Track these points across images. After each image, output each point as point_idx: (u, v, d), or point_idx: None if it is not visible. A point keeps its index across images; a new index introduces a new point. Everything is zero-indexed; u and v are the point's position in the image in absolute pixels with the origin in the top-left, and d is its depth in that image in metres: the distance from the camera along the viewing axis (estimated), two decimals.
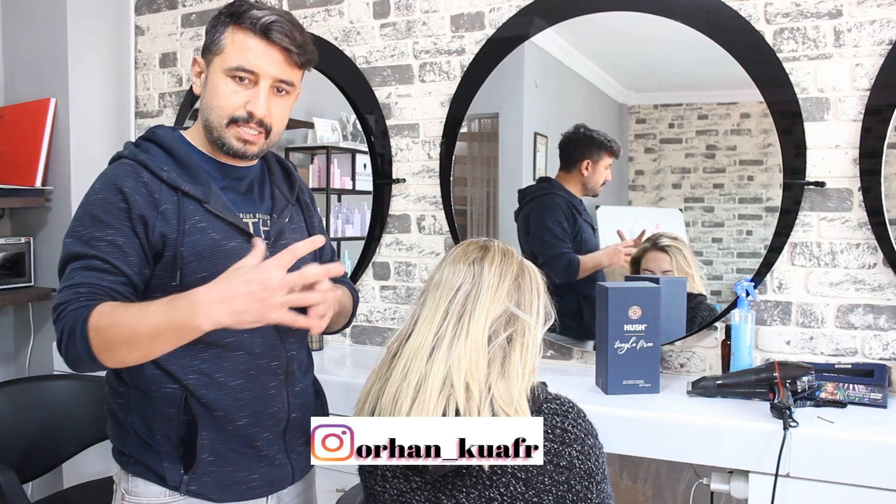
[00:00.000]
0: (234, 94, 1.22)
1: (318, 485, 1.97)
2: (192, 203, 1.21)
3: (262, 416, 1.28)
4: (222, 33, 1.22)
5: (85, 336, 1.06)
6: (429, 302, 1.15)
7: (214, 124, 1.24)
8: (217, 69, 1.23)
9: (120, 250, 1.16)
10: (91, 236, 1.16)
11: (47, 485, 2.44)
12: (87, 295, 1.11)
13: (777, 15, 1.81)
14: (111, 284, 1.13)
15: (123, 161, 1.23)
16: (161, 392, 1.22)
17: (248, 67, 1.21)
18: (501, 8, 2.12)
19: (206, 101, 1.25)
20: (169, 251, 1.19)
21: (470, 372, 1.05)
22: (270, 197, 1.34)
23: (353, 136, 2.48)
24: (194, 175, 1.23)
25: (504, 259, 1.15)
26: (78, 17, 2.51)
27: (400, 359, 1.13)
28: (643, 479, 2.10)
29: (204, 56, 1.26)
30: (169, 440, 1.23)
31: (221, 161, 1.29)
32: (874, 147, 1.71)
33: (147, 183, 1.19)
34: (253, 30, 1.20)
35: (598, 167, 2.06)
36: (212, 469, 1.24)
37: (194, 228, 1.20)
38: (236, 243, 1.23)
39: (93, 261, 1.14)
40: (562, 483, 1.03)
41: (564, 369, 2.03)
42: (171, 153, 1.24)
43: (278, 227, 1.31)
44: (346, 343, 2.42)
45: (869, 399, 1.61)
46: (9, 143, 2.56)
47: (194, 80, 1.28)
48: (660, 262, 1.98)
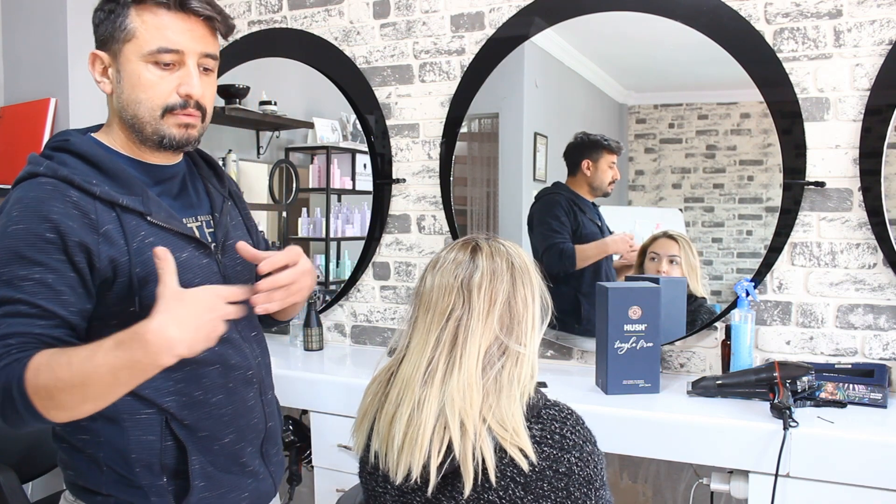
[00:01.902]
0: (161, 80, 1.09)
1: (318, 485, 1.98)
2: (133, 218, 1.07)
3: (246, 430, 1.20)
4: (125, 17, 1.08)
5: (24, 395, 0.94)
6: (420, 326, 1.11)
7: (146, 118, 1.10)
8: (132, 58, 1.08)
9: (50, 289, 1.00)
10: (14, 275, 1.00)
11: (47, 485, 2.44)
12: (18, 346, 0.97)
13: (777, 15, 1.81)
14: (44, 331, 0.99)
15: (42, 180, 1.05)
16: (136, 420, 1.10)
17: (171, 47, 1.08)
18: (501, 8, 2.12)
19: (126, 96, 1.10)
20: (122, 276, 1.06)
21: (464, 410, 1.03)
22: (206, 194, 1.23)
23: (353, 136, 2.48)
24: (126, 185, 1.09)
25: (493, 276, 1.10)
26: (78, 17, 2.51)
27: (394, 385, 1.11)
28: (643, 479, 2.10)
29: (105, 48, 1.11)
30: (150, 471, 1.11)
31: (148, 162, 1.15)
32: (874, 147, 1.71)
33: (77, 203, 1.03)
34: (166, 4, 1.08)
35: (600, 165, 2.07)
36: (204, 495, 1.14)
37: (143, 246, 1.07)
38: (188, 253, 1.12)
39: (18, 305, 0.99)
40: (561, 489, 1.03)
41: (564, 369, 2.03)
42: (94, 163, 1.09)
43: (224, 229, 1.21)
44: (346, 343, 2.42)
45: (869, 399, 1.61)
46: (9, 143, 2.56)
47: (98, 78, 1.13)
48: (668, 247, 1.99)
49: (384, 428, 1.10)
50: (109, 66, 1.11)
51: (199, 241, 1.14)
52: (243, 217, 1.30)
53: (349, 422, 1.23)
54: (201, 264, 1.14)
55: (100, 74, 1.13)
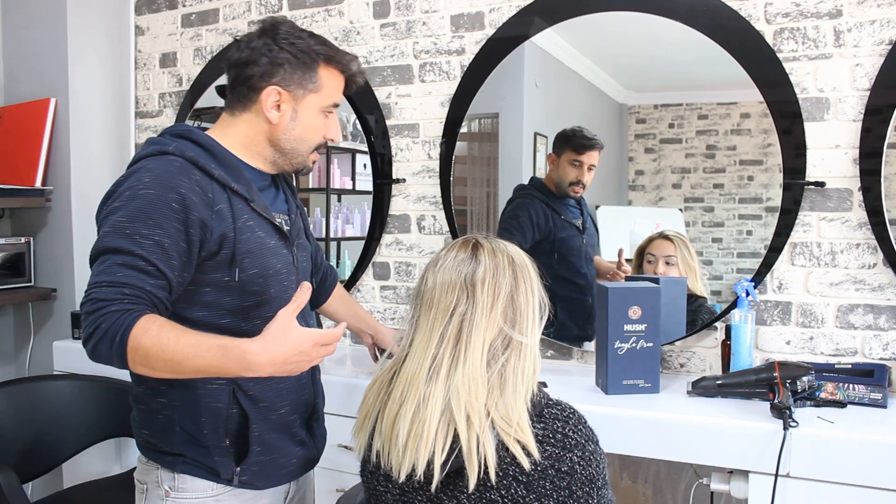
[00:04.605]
0: (322, 126, 1.34)
1: (319, 485, 1.98)
2: (240, 201, 1.24)
3: (298, 404, 1.37)
4: (316, 71, 1.29)
5: (123, 346, 1.07)
6: (423, 324, 1.12)
7: (303, 153, 1.34)
8: (313, 106, 1.31)
9: (165, 252, 1.14)
10: (137, 232, 1.13)
11: (47, 485, 2.44)
12: (130, 298, 1.10)
13: (777, 15, 1.81)
14: (153, 289, 1.13)
15: (171, 158, 1.20)
16: (207, 388, 1.25)
17: (338, 103, 1.34)
18: (501, 8, 2.12)
19: (298, 134, 1.31)
20: (226, 249, 1.22)
21: (469, 403, 1.04)
22: (284, 200, 1.41)
23: (353, 136, 2.48)
24: (236, 175, 1.26)
25: (496, 271, 1.11)
26: (78, 17, 2.51)
27: (397, 384, 1.11)
28: (643, 479, 2.10)
29: (286, 88, 1.28)
30: (216, 434, 1.26)
31: (252, 166, 1.34)
32: (874, 147, 1.71)
33: (199, 181, 1.19)
34: (344, 71, 1.33)
35: (562, 161, 2.04)
36: (260, 458, 1.30)
37: (245, 227, 1.24)
38: (275, 242, 1.30)
39: (137, 260, 1.12)
40: (563, 488, 1.03)
41: (564, 369, 2.03)
42: (212, 152, 1.25)
43: (297, 228, 1.40)
44: (346, 343, 2.42)
45: (869, 399, 1.61)
46: (9, 143, 2.56)
47: (269, 110, 1.29)
48: (664, 248, 1.98)
49: (387, 426, 1.10)
50: (285, 103, 1.29)
51: (283, 233, 1.32)
52: (305, 226, 1.48)
53: (349, 422, 1.23)
54: (282, 253, 1.31)
55: (272, 107, 1.29)
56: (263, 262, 1.26)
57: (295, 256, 1.36)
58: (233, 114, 1.32)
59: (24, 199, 2.47)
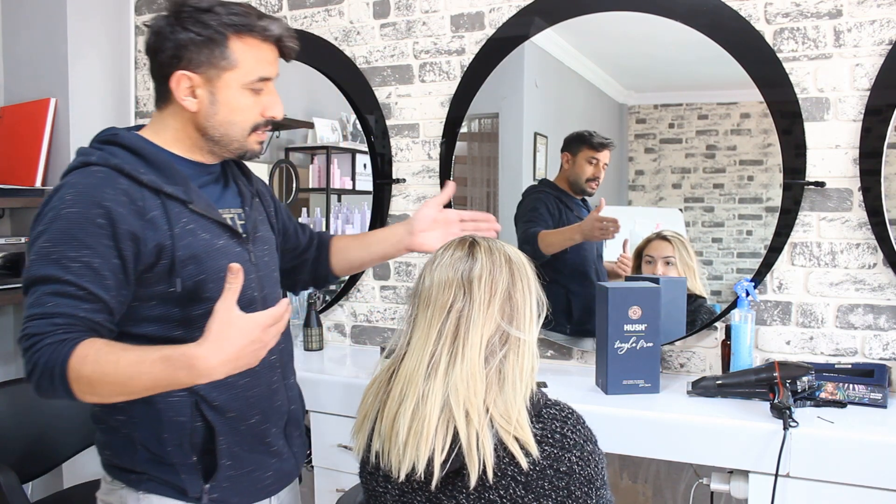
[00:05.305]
0: (254, 104, 1.21)
1: (318, 485, 1.98)
2: (176, 205, 1.16)
3: (270, 412, 1.29)
4: (226, 46, 1.16)
5: (65, 379, 1.01)
6: (420, 322, 1.12)
7: (236, 137, 1.22)
8: (233, 85, 1.18)
9: (96, 273, 1.07)
10: (63, 256, 1.06)
11: (47, 485, 2.44)
12: (64, 327, 1.03)
13: (777, 15, 1.81)
14: (88, 314, 1.06)
15: (93, 168, 1.13)
16: (168, 402, 1.17)
17: (268, 76, 1.21)
18: (501, 8, 2.12)
19: (221, 118, 1.20)
20: (164, 259, 1.14)
21: (468, 399, 1.04)
22: (237, 192, 1.32)
23: (353, 136, 2.48)
24: (170, 176, 1.17)
25: (493, 268, 1.11)
26: (78, 17, 2.51)
27: (396, 382, 1.11)
28: (643, 479, 2.10)
29: (196, 71, 1.17)
30: (181, 450, 1.19)
31: (192, 160, 1.24)
32: (874, 147, 1.71)
33: (127, 190, 1.11)
34: (265, 39, 1.19)
35: (578, 160, 2.07)
36: (230, 474, 1.22)
37: (184, 231, 1.15)
38: (224, 241, 1.21)
39: (66, 286, 1.05)
40: (562, 489, 1.03)
41: (564, 369, 2.03)
42: (141, 155, 1.17)
43: (253, 221, 1.30)
44: (346, 343, 2.42)
45: (869, 399, 1.61)
46: (9, 143, 2.56)
47: (182, 97, 1.18)
48: (662, 249, 1.99)
49: (387, 426, 1.10)
50: (199, 87, 1.18)
51: (233, 231, 1.23)
52: (267, 214, 1.38)
53: (349, 422, 1.23)
54: (235, 252, 1.23)
55: (187, 93, 1.18)
56: (212, 264, 1.17)
57: (252, 253, 1.27)
58: (159, 108, 1.23)
59: (24, 199, 2.47)
